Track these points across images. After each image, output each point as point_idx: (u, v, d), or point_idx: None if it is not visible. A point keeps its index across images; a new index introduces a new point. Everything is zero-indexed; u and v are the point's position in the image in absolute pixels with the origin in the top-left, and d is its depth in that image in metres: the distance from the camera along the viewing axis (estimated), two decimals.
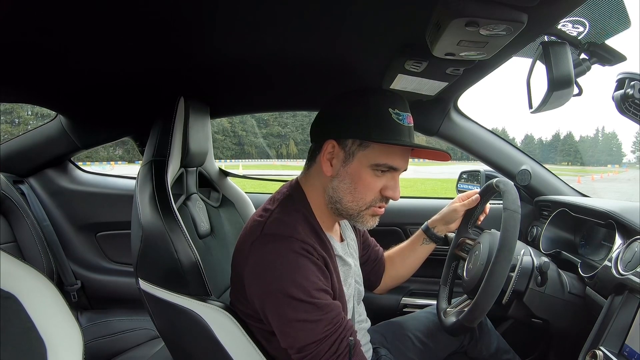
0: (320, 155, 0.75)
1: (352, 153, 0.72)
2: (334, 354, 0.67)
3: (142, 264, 0.84)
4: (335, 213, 0.78)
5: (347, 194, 0.74)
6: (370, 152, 0.71)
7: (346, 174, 0.73)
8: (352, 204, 0.74)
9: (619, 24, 0.71)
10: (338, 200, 0.75)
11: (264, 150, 48.53)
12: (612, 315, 0.74)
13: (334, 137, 0.73)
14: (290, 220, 0.72)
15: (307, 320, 0.66)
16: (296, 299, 0.65)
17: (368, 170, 0.72)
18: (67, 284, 1.45)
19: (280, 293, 0.66)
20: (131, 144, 1.45)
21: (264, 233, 0.71)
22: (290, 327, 0.67)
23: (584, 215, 1.05)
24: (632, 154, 68.99)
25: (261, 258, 0.69)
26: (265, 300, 0.68)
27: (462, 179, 1.57)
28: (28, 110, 32.20)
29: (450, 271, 1.09)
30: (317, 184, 0.78)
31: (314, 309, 0.66)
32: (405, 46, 0.82)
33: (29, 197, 1.41)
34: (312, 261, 0.69)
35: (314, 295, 0.66)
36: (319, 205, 0.78)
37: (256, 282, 0.69)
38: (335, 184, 0.74)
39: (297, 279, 0.66)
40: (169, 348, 0.90)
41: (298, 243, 0.68)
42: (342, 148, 0.73)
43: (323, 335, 0.66)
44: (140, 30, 0.74)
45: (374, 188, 0.73)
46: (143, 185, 0.88)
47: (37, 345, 0.58)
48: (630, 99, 0.70)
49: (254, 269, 0.69)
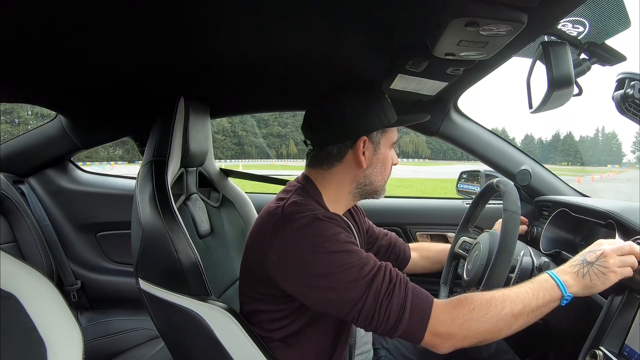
0: (352, 153, 0.79)
1: (378, 142, 0.80)
2: (388, 285, 0.66)
3: (142, 264, 0.84)
4: (358, 197, 0.84)
5: (379, 175, 0.82)
6: (389, 135, 0.82)
7: (377, 160, 0.81)
8: (382, 182, 0.84)
9: (619, 24, 0.71)
10: (369, 183, 0.82)
11: (264, 150, 48.57)
12: (612, 315, 0.74)
13: (363, 134, 0.78)
14: (308, 202, 0.77)
15: (352, 263, 0.66)
16: (335, 252, 0.67)
17: (391, 151, 0.84)
18: (67, 284, 1.45)
19: (319, 254, 0.67)
20: (131, 144, 1.45)
21: (284, 214, 0.73)
22: (339, 281, 0.66)
23: (584, 215, 1.05)
24: (632, 154, 69.04)
25: (290, 235, 0.70)
26: (306, 271, 0.68)
27: (462, 179, 1.57)
28: (28, 110, 32.25)
29: (450, 271, 1.09)
30: (343, 177, 0.81)
31: (353, 255, 0.68)
32: (405, 46, 0.82)
33: (29, 197, 1.41)
34: (338, 224, 0.72)
35: (349, 245, 0.69)
36: (331, 198, 0.82)
37: (290, 260, 0.69)
38: (368, 171, 0.81)
39: (331, 236, 0.69)
40: (169, 348, 0.90)
41: (321, 212, 0.73)
42: (371, 141, 0.80)
43: (372, 272, 0.67)
44: (141, 30, 0.74)
45: (391, 163, 0.84)
46: (143, 186, 0.88)
47: (37, 345, 0.58)
48: (630, 99, 0.70)
49: (284, 248, 0.70)
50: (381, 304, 0.65)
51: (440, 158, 53.93)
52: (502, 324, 0.65)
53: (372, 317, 0.65)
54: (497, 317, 0.65)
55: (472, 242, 1.04)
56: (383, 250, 1.07)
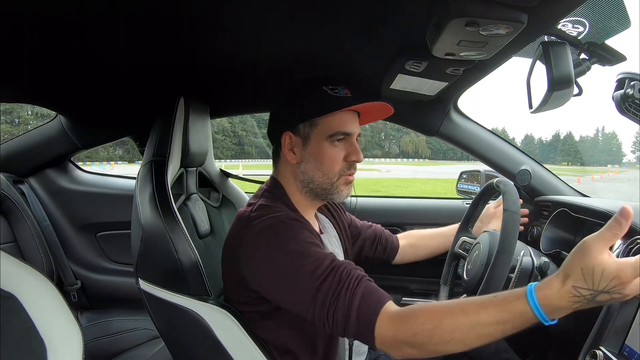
0: (282, 149, 0.81)
1: (307, 135, 0.78)
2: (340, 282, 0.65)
3: (142, 264, 0.84)
4: (311, 196, 0.82)
5: (316, 171, 0.79)
6: (321, 127, 0.77)
7: (309, 155, 0.79)
8: (324, 179, 0.79)
9: (619, 24, 0.71)
10: (310, 181, 0.80)
11: (264, 150, 48.45)
12: (612, 315, 0.74)
13: (287, 129, 0.80)
14: (274, 205, 0.78)
15: (306, 266, 0.67)
16: (295, 252, 0.68)
17: (326, 144, 0.78)
18: (67, 284, 1.45)
19: (278, 256, 0.68)
20: (131, 144, 1.45)
21: (251, 218, 0.74)
22: (294, 283, 0.67)
23: (584, 215, 1.05)
24: (632, 154, 69.07)
25: (254, 235, 0.72)
26: (267, 268, 0.69)
27: (462, 179, 1.57)
28: (28, 110, 32.25)
29: (450, 270, 1.09)
30: (289, 175, 0.83)
31: (308, 258, 0.68)
32: (405, 46, 0.82)
33: (29, 197, 1.41)
34: (302, 225, 0.74)
35: (310, 247, 0.69)
36: (297, 197, 0.83)
37: (254, 261, 0.71)
38: (303, 167, 0.80)
39: (292, 237, 0.70)
40: (168, 348, 0.90)
41: (285, 215, 0.74)
42: (297, 135, 0.79)
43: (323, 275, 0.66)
44: (141, 30, 0.74)
45: (337, 158, 0.78)
46: (143, 186, 0.88)
47: (37, 345, 0.58)
48: (630, 99, 0.70)
49: (249, 251, 0.72)
50: (328, 308, 0.64)
51: (440, 158, 53.95)
52: (458, 335, 0.57)
53: (325, 319, 0.65)
54: (451, 328, 0.57)
55: (472, 242, 1.04)
56: (369, 243, 1.08)
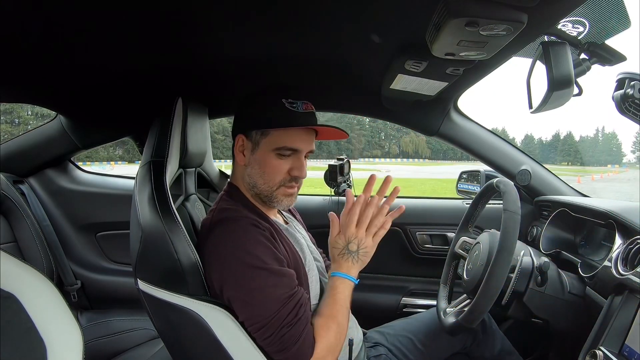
0: (235, 149, 0.85)
1: (257, 142, 0.82)
2: (294, 317, 0.70)
3: (141, 264, 0.84)
4: (254, 197, 0.86)
5: (259, 177, 0.83)
6: (271, 138, 0.80)
7: (255, 160, 0.82)
8: (265, 186, 0.83)
9: (619, 24, 0.71)
10: (254, 185, 0.84)
11: None
12: (612, 315, 0.74)
13: (241, 132, 0.84)
14: (233, 207, 0.82)
15: (265, 286, 0.70)
16: (251, 267, 0.70)
17: (272, 155, 0.81)
18: (67, 284, 1.45)
19: (235, 264, 0.71)
20: (131, 144, 1.45)
21: (211, 222, 0.78)
22: (249, 296, 0.70)
23: (584, 215, 1.05)
24: (632, 154, 68.98)
25: (213, 241, 0.75)
26: (223, 276, 0.72)
27: (462, 179, 1.57)
28: (28, 110, 32.24)
29: (450, 270, 1.09)
30: (239, 176, 0.87)
31: (268, 274, 0.71)
32: (405, 46, 0.82)
33: (29, 197, 1.41)
34: (260, 233, 0.75)
35: (267, 262, 0.72)
36: (251, 195, 0.86)
37: (213, 264, 0.74)
38: (248, 171, 0.84)
39: (249, 248, 0.72)
40: (168, 348, 0.90)
41: (244, 220, 0.76)
42: (249, 140, 0.83)
43: (282, 302, 0.70)
44: (140, 30, 0.74)
45: (280, 170, 0.82)
46: (142, 186, 0.88)
47: (37, 345, 0.58)
48: (630, 99, 0.70)
49: (210, 253, 0.75)
50: (280, 330, 0.69)
51: (440, 158, 53.92)
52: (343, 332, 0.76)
53: (267, 337, 0.70)
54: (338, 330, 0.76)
55: (472, 242, 1.04)
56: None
